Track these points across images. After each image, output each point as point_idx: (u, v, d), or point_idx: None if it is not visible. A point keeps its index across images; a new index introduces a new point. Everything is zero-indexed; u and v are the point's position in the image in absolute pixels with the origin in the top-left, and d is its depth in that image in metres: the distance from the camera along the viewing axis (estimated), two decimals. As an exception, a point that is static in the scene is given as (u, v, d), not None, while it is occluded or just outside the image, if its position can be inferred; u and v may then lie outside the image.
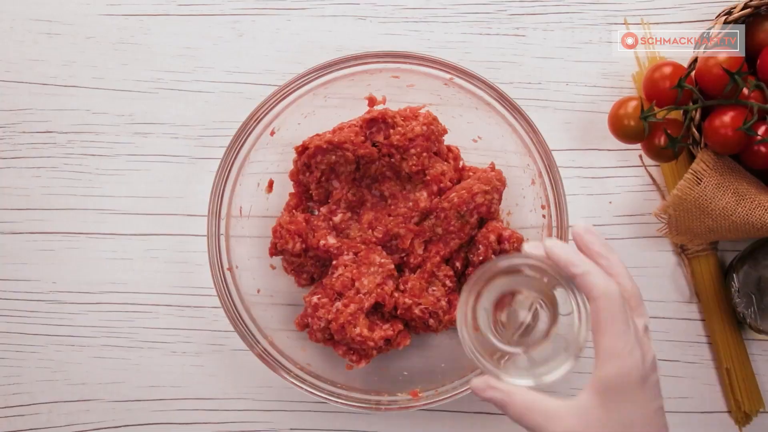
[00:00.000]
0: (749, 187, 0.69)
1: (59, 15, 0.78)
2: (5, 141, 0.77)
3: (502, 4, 0.77)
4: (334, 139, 0.68)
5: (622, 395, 0.51)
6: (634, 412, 0.51)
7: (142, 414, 0.75)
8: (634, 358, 0.51)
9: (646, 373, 0.51)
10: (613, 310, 0.51)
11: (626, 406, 0.51)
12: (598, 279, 0.51)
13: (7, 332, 0.76)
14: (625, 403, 0.51)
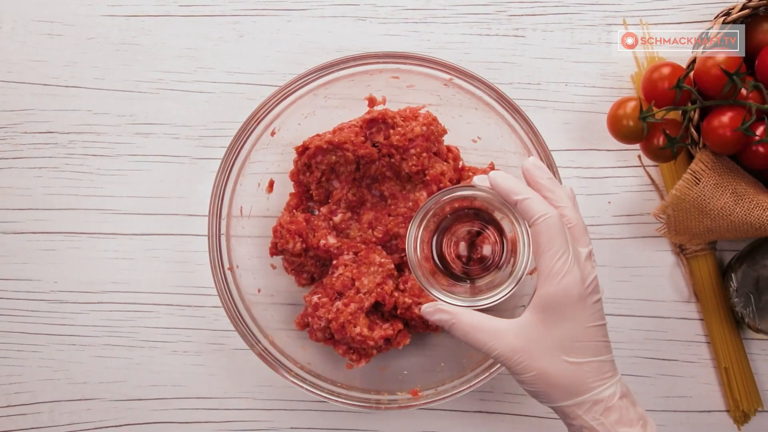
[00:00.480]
0: (747, 187, 0.69)
1: (61, 16, 0.78)
2: (7, 141, 0.77)
3: (501, 5, 0.78)
4: (335, 139, 0.68)
5: (561, 313, 0.54)
6: (573, 327, 0.54)
7: (143, 413, 0.75)
8: (573, 277, 0.54)
9: (585, 293, 0.54)
10: (551, 233, 0.54)
11: (565, 322, 0.54)
12: (537, 204, 0.55)
13: (9, 332, 0.76)
14: (564, 320, 0.54)
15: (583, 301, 0.54)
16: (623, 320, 0.75)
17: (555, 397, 0.55)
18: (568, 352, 0.54)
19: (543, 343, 0.54)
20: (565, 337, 0.54)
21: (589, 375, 0.54)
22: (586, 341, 0.55)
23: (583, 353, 0.54)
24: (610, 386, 0.55)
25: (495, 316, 0.69)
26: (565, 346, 0.54)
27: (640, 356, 0.75)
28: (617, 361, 0.74)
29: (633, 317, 0.75)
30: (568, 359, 0.54)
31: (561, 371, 0.54)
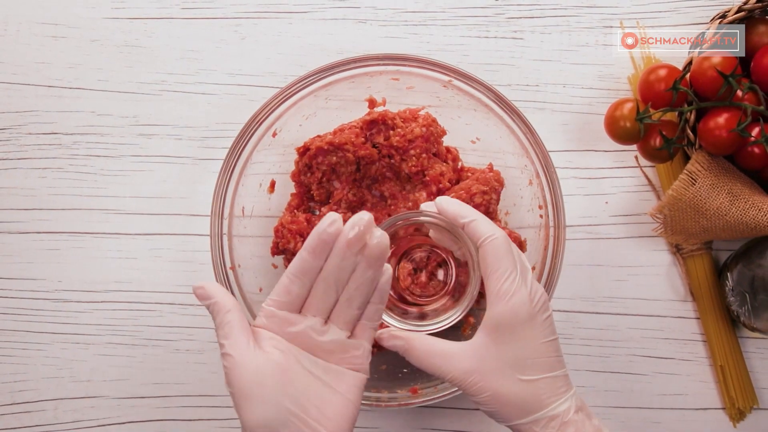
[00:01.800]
0: (743, 188, 0.69)
1: (65, 18, 0.78)
2: (12, 142, 0.77)
3: (500, 7, 0.78)
4: (335, 140, 0.68)
5: (511, 332, 0.54)
6: (525, 346, 0.54)
7: (146, 410, 0.75)
8: (521, 296, 0.54)
9: (534, 311, 0.55)
10: (498, 254, 0.54)
11: (517, 341, 0.54)
12: (483, 225, 0.55)
13: (14, 330, 0.76)
14: (515, 339, 0.54)
15: (533, 319, 0.54)
16: (620, 319, 0.75)
17: (511, 416, 0.55)
18: (521, 370, 0.54)
19: (496, 363, 0.54)
20: (517, 355, 0.54)
21: (544, 391, 0.54)
22: (538, 358, 0.55)
23: (535, 370, 0.54)
24: (565, 401, 0.55)
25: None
26: (518, 364, 0.54)
27: (637, 354, 0.75)
28: (615, 360, 0.75)
29: (630, 316, 0.75)
30: (522, 377, 0.54)
31: (515, 390, 0.54)
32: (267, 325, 0.54)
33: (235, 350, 0.52)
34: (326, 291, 0.54)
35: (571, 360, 0.75)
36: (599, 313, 0.75)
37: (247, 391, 0.51)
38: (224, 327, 0.53)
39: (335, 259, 0.53)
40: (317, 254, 0.53)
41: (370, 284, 0.54)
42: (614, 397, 0.75)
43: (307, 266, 0.53)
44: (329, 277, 0.54)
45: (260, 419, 0.51)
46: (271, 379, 0.52)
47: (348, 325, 0.55)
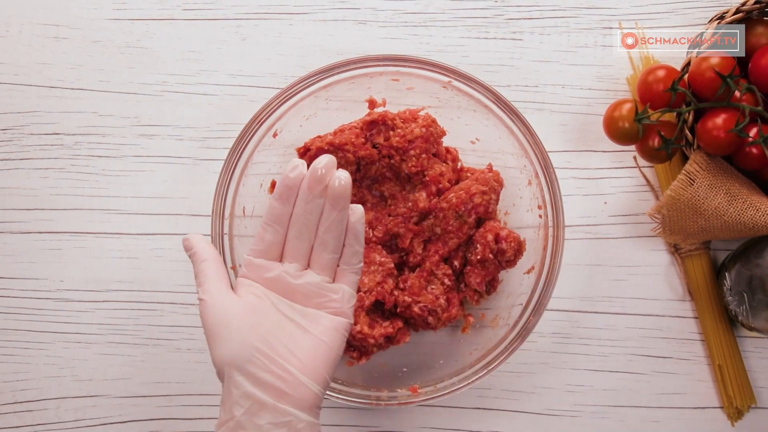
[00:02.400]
0: (741, 188, 0.69)
1: (67, 20, 0.78)
2: (14, 142, 0.77)
3: (499, 8, 0.78)
4: (335, 140, 0.68)
5: None
6: None
7: (147, 409, 0.75)
8: None
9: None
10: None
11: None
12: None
13: (16, 329, 0.76)
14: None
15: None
16: (619, 318, 0.75)
17: None
18: None
19: None
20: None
21: None
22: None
23: None
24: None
25: (495, 315, 0.69)
26: None
27: (635, 354, 0.75)
28: (614, 359, 0.75)
29: (628, 315, 0.75)
30: None
31: None
32: (246, 274, 0.56)
33: (207, 295, 0.55)
34: (298, 236, 0.55)
35: (570, 359, 0.75)
36: (598, 312, 0.75)
37: (215, 331, 0.54)
38: (199, 275, 0.56)
39: (301, 203, 0.54)
40: (284, 200, 0.55)
41: (338, 226, 0.55)
42: (613, 396, 0.75)
43: (276, 212, 0.55)
44: (298, 221, 0.55)
45: (225, 356, 0.53)
46: (238, 319, 0.54)
47: (325, 270, 0.56)
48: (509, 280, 0.72)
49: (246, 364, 0.52)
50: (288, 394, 0.52)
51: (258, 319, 0.54)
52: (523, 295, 0.70)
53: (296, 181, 0.54)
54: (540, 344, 0.75)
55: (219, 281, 0.56)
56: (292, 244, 0.56)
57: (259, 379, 0.52)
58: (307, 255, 0.56)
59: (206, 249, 0.57)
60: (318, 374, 0.54)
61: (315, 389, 0.53)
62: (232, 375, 0.52)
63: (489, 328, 0.72)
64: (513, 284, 0.72)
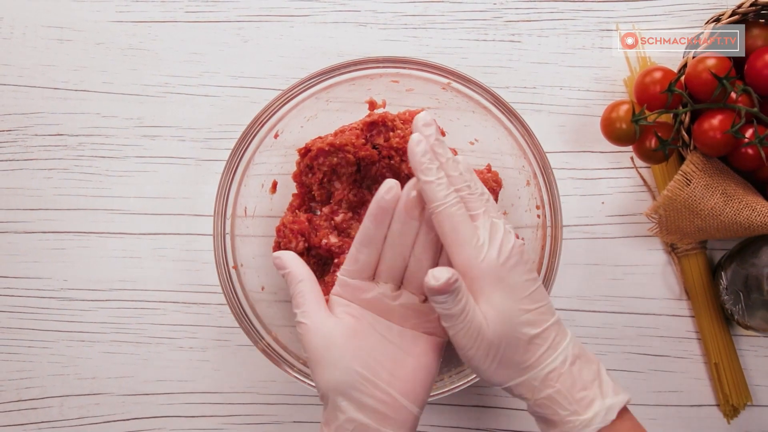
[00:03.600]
0: (737, 188, 0.69)
1: (70, 22, 0.78)
2: (18, 143, 0.77)
3: (498, 11, 0.78)
4: (336, 141, 0.68)
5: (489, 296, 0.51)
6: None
7: (150, 407, 0.75)
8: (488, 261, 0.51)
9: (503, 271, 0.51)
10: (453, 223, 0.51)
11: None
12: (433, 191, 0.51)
13: (20, 328, 0.76)
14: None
15: (503, 280, 0.51)
16: (616, 317, 0.75)
17: (504, 377, 0.52)
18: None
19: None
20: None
21: (537, 347, 0.51)
22: (523, 315, 0.51)
23: (524, 326, 0.51)
24: (560, 353, 0.52)
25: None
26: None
27: (632, 352, 0.75)
28: (611, 358, 0.75)
29: (626, 314, 0.75)
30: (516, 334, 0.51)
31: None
32: (341, 293, 0.55)
33: (307, 318, 0.53)
34: (393, 256, 0.55)
35: (568, 357, 0.75)
36: (596, 311, 0.75)
37: (318, 356, 0.52)
38: (297, 296, 0.54)
39: (396, 224, 0.54)
40: (378, 221, 0.54)
41: (434, 246, 0.54)
42: (610, 394, 0.75)
43: (370, 234, 0.54)
44: (394, 242, 0.54)
45: (330, 382, 0.52)
46: (340, 343, 0.53)
47: (420, 290, 0.55)
48: (508, 280, 0.72)
49: (350, 390, 0.52)
50: (390, 417, 0.52)
51: (359, 342, 0.53)
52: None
53: (391, 203, 0.53)
54: (538, 343, 0.75)
55: (317, 303, 0.54)
56: (386, 264, 0.55)
57: (363, 404, 0.52)
58: (401, 275, 0.56)
59: (301, 269, 0.55)
60: (417, 396, 0.54)
61: (415, 411, 0.53)
62: (336, 400, 0.52)
63: (488, 327, 0.72)
64: (511, 283, 0.72)
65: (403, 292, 0.56)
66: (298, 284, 0.55)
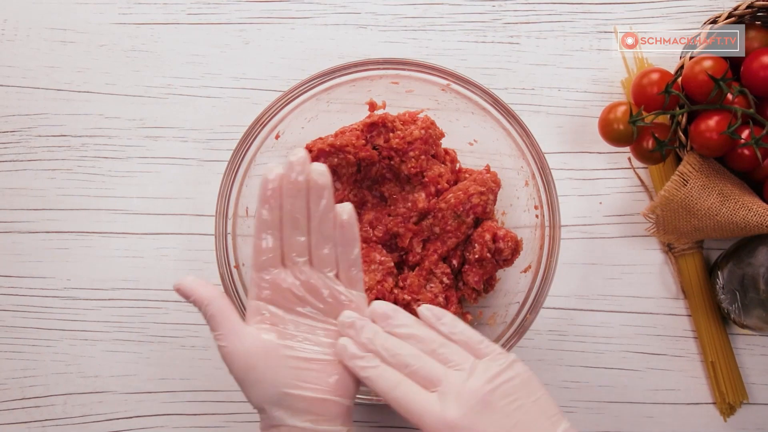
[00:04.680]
0: (733, 189, 0.69)
1: (73, 24, 0.78)
2: (22, 144, 0.77)
3: (497, 13, 0.78)
4: (337, 142, 0.68)
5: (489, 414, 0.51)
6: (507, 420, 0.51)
7: (152, 405, 0.75)
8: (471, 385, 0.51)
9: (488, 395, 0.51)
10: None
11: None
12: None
13: (24, 327, 0.76)
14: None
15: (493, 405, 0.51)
16: (614, 316, 0.75)
17: None
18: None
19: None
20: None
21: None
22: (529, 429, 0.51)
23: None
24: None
25: (493, 313, 0.69)
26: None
27: (630, 351, 0.75)
28: (608, 356, 0.75)
29: (623, 313, 0.75)
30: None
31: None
32: (257, 294, 0.55)
33: (224, 340, 0.53)
34: (292, 234, 0.55)
35: (566, 356, 0.75)
36: (593, 310, 0.75)
37: (242, 376, 0.53)
38: (210, 320, 0.54)
39: (287, 201, 0.54)
40: (270, 204, 0.54)
41: (327, 215, 0.54)
42: (607, 392, 0.75)
43: (266, 219, 0.54)
44: (288, 219, 0.54)
45: (260, 398, 0.53)
46: (261, 360, 0.53)
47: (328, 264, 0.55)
48: (506, 279, 0.73)
49: (281, 400, 0.52)
50: (324, 415, 0.53)
51: (280, 353, 0.53)
52: (520, 293, 0.70)
53: (276, 183, 0.54)
54: (536, 341, 0.75)
55: (232, 321, 0.54)
56: (289, 243, 0.55)
57: (296, 409, 0.52)
58: (305, 250, 0.55)
59: (206, 291, 0.54)
60: (347, 388, 0.54)
61: (347, 403, 0.54)
62: (270, 411, 0.53)
63: (487, 326, 0.72)
64: (510, 283, 0.72)
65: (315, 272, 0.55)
66: (207, 308, 0.54)
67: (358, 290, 0.56)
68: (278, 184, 0.54)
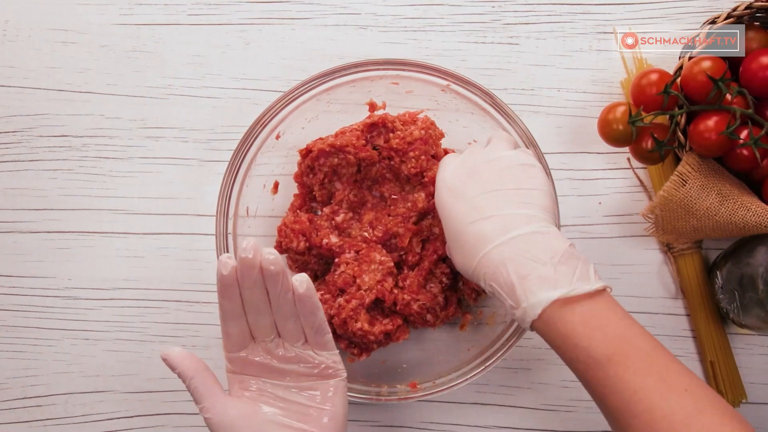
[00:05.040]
0: (732, 189, 0.69)
1: (75, 24, 0.78)
2: (23, 144, 0.77)
3: (496, 14, 0.78)
4: (337, 142, 0.68)
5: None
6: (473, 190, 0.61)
7: (153, 404, 0.75)
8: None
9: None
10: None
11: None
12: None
13: (25, 327, 0.76)
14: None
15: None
16: (613, 316, 0.75)
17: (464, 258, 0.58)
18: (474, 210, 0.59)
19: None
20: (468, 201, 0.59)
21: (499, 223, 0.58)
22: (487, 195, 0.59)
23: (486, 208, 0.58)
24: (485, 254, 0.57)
25: (492, 313, 0.69)
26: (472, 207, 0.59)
27: (629, 350, 0.75)
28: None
29: (622, 313, 0.75)
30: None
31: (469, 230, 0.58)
32: (234, 369, 0.58)
33: (208, 412, 0.55)
34: (258, 317, 0.57)
35: (566, 356, 0.75)
36: (593, 310, 0.75)
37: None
38: (194, 392, 0.56)
39: (245, 292, 0.56)
40: (228, 295, 0.56)
41: (285, 296, 0.56)
42: (607, 391, 0.75)
43: (228, 309, 0.56)
44: (251, 307, 0.56)
45: None
46: (248, 428, 0.55)
47: (295, 336, 0.58)
48: (506, 279, 0.72)
49: None
50: None
51: (266, 418, 0.56)
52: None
53: (231, 275, 0.55)
54: (536, 341, 0.75)
55: (214, 394, 0.56)
56: (255, 326, 0.57)
57: None
58: (273, 328, 0.58)
59: (190, 364, 0.57)
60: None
61: None
62: None
63: (486, 326, 0.72)
64: (510, 282, 0.72)
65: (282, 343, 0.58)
66: (192, 381, 0.56)
67: (329, 350, 0.58)
68: (234, 275, 0.55)
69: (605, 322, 0.53)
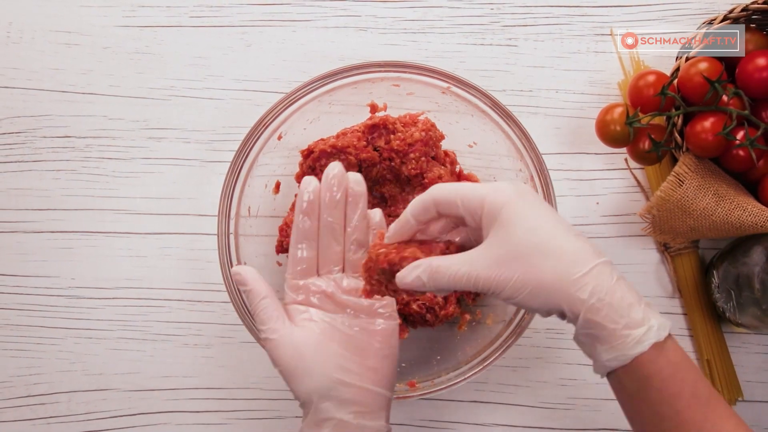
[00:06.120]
0: (728, 189, 0.69)
1: (78, 26, 0.78)
2: (27, 145, 0.77)
3: (495, 16, 0.78)
4: (338, 143, 0.68)
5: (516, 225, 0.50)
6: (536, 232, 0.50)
7: (155, 402, 0.75)
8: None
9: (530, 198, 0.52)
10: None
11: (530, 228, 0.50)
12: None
13: (29, 326, 0.76)
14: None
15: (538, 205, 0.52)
16: (611, 315, 0.75)
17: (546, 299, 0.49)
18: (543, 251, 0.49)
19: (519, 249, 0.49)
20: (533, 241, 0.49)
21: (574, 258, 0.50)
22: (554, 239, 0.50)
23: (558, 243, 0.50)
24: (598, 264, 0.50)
25: (491, 312, 0.69)
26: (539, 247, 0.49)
27: (626, 349, 0.75)
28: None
29: (620, 312, 0.75)
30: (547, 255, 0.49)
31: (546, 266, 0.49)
32: (294, 299, 0.57)
33: (274, 333, 0.55)
34: (329, 244, 0.57)
35: (564, 354, 0.75)
36: (590, 309, 0.75)
37: (291, 368, 0.54)
38: (260, 313, 0.56)
39: (324, 213, 0.56)
40: (308, 216, 0.56)
41: (362, 222, 0.57)
42: (605, 389, 0.74)
43: (305, 229, 0.56)
44: (326, 230, 0.56)
45: (309, 389, 0.54)
46: (310, 351, 0.54)
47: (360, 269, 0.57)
48: (505, 278, 0.73)
49: (329, 392, 0.54)
50: (368, 406, 0.54)
51: (327, 346, 0.55)
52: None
53: (315, 195, 0.56)
54: (534, 339, 0.75)
55: (281, 317, 0.56)
56: (325, 254, 0.57)
57: (342, 400, 0.54)
58: (341, 259, 0.58)
59: (262, 285, 0.56)
60: (388, 381, 0.56)
61: (388, 395, 0.56)
62: (317, 403, 0.54)
63: (485, 325, 0.72)
64: (509, 282, 0.72)
65: (348, 277, 0.58)
66: (261, 301, 0.56)
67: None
68: (317, 197, 0.56)
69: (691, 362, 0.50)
